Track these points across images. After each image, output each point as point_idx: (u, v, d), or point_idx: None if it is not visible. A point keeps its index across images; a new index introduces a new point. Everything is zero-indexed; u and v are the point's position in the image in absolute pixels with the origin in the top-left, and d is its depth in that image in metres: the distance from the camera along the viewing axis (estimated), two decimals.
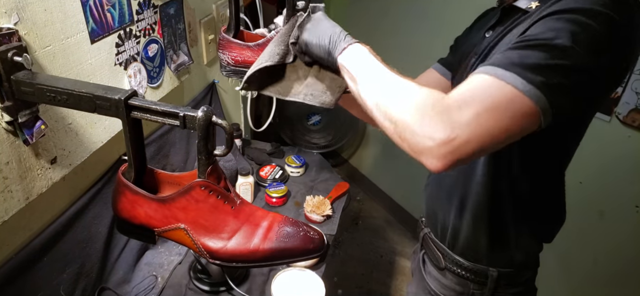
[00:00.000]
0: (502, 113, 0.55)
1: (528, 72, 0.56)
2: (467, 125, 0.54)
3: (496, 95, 0.56)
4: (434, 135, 0.55)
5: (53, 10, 0.72)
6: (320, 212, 1.32)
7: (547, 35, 0.58)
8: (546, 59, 0.57)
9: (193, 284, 1.11)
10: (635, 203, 1.60)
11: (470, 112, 0.55)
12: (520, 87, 0.55)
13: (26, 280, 0.82)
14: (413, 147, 0.59)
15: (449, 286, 0.93)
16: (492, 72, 0.57)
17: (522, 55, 0.58)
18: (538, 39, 0.59)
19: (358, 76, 0.66)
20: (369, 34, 2.50)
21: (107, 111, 0.57)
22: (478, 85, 0.57)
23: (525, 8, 0.70)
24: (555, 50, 0.57)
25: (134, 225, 0.65)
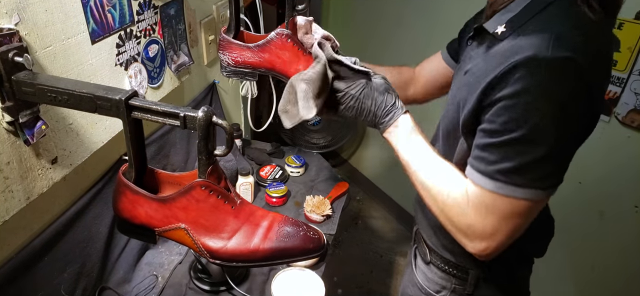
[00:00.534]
0: (513, 217, 0.64)
1: (515, 177, 0.62)
2: (492, 237, 0.66)
3: (501, 206, 0.64)
4: (471, 244, 0.69)
5: (54, 11, 0.73)
6: (320, 212, 1.32)
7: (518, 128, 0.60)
8: (525, 155, 0.61)
9: (193, 284, 1.11)
10: (635, 204, 1.60)
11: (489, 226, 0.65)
12: (516, 194, 0.63)
13: (27, 280, 0.83)
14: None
15: (433, 279, 0.94)
16: (487, 185, 0.64)
17: (502, 157, 0.62)
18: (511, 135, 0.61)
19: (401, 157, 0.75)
20: (370, 26, 2.50)
21: (108, 111, 0.57)
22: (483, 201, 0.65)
23: (492, 32, 0.68)
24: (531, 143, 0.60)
25: (134, 225, 0.65)
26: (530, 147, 0.60)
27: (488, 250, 0.68)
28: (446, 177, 0.71)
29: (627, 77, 1.51)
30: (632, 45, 1.47)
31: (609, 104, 1.58)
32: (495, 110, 0.62)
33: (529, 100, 0.59)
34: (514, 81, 0.59)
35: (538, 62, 0.58)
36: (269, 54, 0.92)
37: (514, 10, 0.66)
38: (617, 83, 1.54)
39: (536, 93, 0.59)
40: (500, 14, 0.68)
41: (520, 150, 0.61)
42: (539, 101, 0.59)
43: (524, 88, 0.59)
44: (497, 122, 0.62)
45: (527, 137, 0.60)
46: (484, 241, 0.67)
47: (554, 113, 0.59)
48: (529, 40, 0.60)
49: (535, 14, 0.63)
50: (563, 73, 0.58)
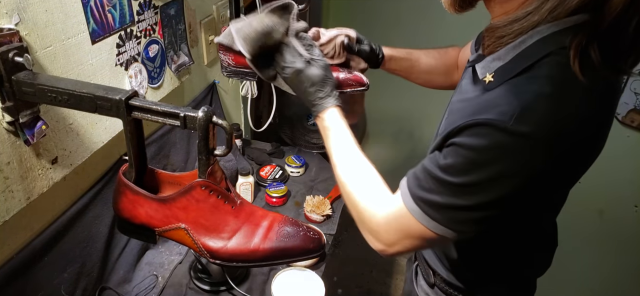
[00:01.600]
0: (421, 239, 0.66)
1: (434, 211, 0.63)
2: (391, 246, 0.69)
3: (409, 225, 0.66)
4: (372, 243, 0.72)
5: (54, 11, 0.73)
6: (320, 212, 1.32)
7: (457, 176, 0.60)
8: (451, 199, 0.61)
9: (193, 283, 1.11)
10: (635, 203, 1.60)
11: (393, 237, 0.69)
12: (428, 225, 0.64)
13: (27, 280, 0.83)
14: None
15: None
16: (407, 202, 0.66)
17: (433, 189, 0.63)
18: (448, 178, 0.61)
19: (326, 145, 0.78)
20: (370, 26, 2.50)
21: (108, 111, 0.57)
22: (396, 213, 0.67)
23: (481, 77, 0.65)
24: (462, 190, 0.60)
25: (134, 225, 0.65)
26: (460, 195, 0.61)
27: (384, 254, 0.72)
28: (363, 178, 0.74)
29: (627, 77, 1.51)
30: None
31: None
32: (449, 149, 0.62)
33: (476, 159, 0.58)
34: (471, 134, 0.59)
35: (495, 129, 0.56)
36: None
37: (504, 59, 0.62)
38: None
39: (485, 157, 0.58)
40: (492, 58, 0.64)
41: (451, 193, 0.61)
42: (485, 166, 0.58)
43: (474, 146, 0.58)
44: (445, 161, 0.62)
45: (462, 186, 0.60)
46: (384, 246, 0.70)
47: (494, 181, 0.58)
48: (503, 102, 0.58)
49: (521, 71, 0.59)
50: (518, 151, 0.56)
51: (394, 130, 2.57)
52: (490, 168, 0.58)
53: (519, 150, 0.56)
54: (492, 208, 0.61)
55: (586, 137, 0.59)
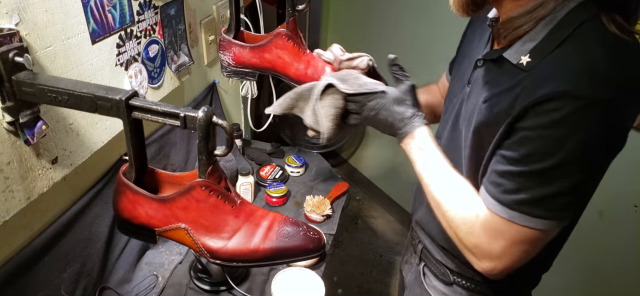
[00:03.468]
0: (525, 246, 0.64)
1: (533, 208, 0.61)
2: (502, 259, 0.66)
3: (514, 234, 0.63)
4: (476, 264, 0.69)
5: (54, 11, 0.73)
6: (320, 212, 1.32)
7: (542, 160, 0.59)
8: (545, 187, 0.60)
9: (193, 283, 1.11)
10: (634, 203, 1.60)
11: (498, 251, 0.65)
12: (531, 224, 0.62)
13: (27, 280, 0.83)
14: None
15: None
16: (503, 213, 0.63)
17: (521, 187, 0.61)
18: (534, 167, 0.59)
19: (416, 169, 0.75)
20: (370, 26, 2.50)
21: (108, 111, 0.57)
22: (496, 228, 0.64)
23: (516, 63, 0.65)
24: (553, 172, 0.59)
25: (134, 225, 0.65)
26: (552, 180, 0.59)
27: (495, 271, 0.68)
28: (457, 194, 0.71)
29: None
30: None
31: None
32: (519, 139, 0.61)
33: (558, 135, 0.57)
34: (544, 113, 0.58)
35: (573, 99, 0.55)
36: (269, 54, 0.92)
37: (536, 39, 0.63)
38: None
39: (566, 131, 0.57)
40: (521, 42, 0.65)
41: (542, 182, 0.59)
42: (569, 138, 0.57)
43: (554, 122, 0.57)
44: (520, 152, 0.60)
45: (550, 170, 0.59)
46: (492, 262, 0.67)
47: (582, 150, 0.57)
48: (561, 71, 0.58)
49: (562, 42, 0.60)
50: (597, 112, 0.56)
51: None
52: (576, 141, 0.57)
53: (600, 114, 0.56)
54: (588, 181, 0.61)
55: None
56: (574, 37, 0.59)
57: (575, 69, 0.57)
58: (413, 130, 0.73)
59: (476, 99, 0.74)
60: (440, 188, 0.72)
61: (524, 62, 0.63)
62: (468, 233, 0.68)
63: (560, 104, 0.56)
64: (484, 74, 0.74)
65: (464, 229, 0.68)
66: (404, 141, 0.75)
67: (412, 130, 0.73)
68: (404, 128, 0.74)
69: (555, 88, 0.57)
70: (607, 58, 0.56)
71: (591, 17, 0.59)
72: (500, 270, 0.67)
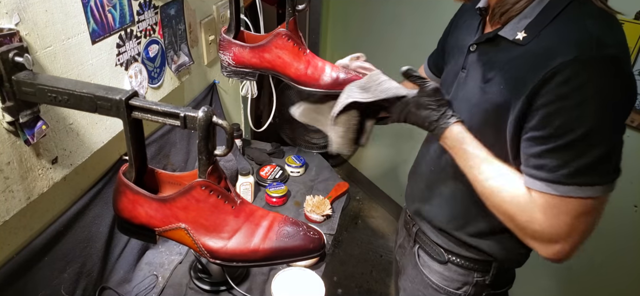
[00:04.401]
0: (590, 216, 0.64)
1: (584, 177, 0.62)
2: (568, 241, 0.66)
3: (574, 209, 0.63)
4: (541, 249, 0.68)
5: (54, 11, 0.73)
6: (320, 212, 1.32)
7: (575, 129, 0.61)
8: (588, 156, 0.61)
9: (193, 283, 1.11)
10: (634, 203, 1.60)
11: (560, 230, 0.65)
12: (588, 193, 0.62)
13: (27, 280, 0.83)
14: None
15: (453, 278, 0.94)
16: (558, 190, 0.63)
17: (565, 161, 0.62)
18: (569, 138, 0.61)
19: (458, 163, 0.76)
20: (370, 26, 2.50)
21: (108, 111, 0.57)
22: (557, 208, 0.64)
23: (513, 39, 0.69)
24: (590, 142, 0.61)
25: (134, 225, 0.65)
26: (590, 146, 0.61)
27: (563, 253, 0.67)
28: (506, 185, 0.70)
29: None
30: (632, 45, 1.47)
31: None
32: (544, 115, 0.63)
33: (581, 100, 0.60)
34: (561, 84, 0.60)
35: (584, 63, 0.59)
36: (269, 54, 0.92)
37: (530, 15, 0.67)
38: None
39: (587, 94, 0.60)
40: (517, 20, 0.69)
41: (581, 150, 0.61)
42: (592, 101, 0.60)
43: (573, 89, 0.60)
44: (550, 127, 0.62)
45: (585, 137, 0.61)
46: (558, 243, 0.67)
47: (607, 110, 0.61)
48: (564, 42, 0.62)
49: (555, 17, 0.65)
50: (611, 71, 0.60)
51: (394, 130, 2.57)
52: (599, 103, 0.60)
53: (613, 72, 0.60)
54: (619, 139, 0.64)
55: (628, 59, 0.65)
56: (566, 12, 0.64)
57: (575, 38, 0.61)
58: (444, 131, 0.75)
59: (474, 81, 0.77)
60: (487, 184, 0.72)
61: (521, 37, 0.67)
62: (527, 221, 0.68)
63: (572, 71, 0.60)
64: (479, 57, 0.77)
65: (523, 218, 0.68)
66: (441, 141, 0.77)
67: (443, 132, 0.75)
68: (435, 130, 0.76)
69: (563, 59, 0.60)
70: (600, 26, 0.62)
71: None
72: (568, 251, 0.67)
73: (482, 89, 0.75)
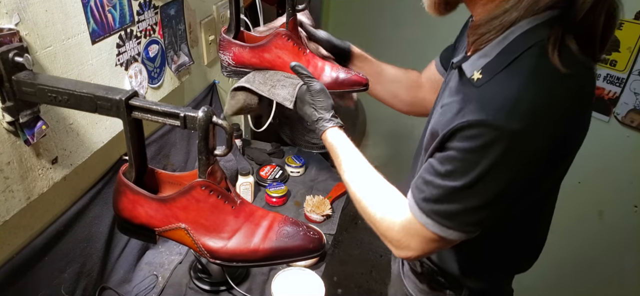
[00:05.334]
0: (438, 244, 0.69)
1: (445, 219, 0.65)
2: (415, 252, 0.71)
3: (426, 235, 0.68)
4: (395, 252, 0.74)
5: (54, 11, 0.73)
6: (320, 212, 1.32)
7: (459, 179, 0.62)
8: (459, 204, 0.64)
9: (193, 283, 1.11)
10: (634, 203, 1.60)
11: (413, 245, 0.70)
12: (442, 233, 0.66)
13: (27, 280, 0.83)
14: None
15: (425, 290, 0.93)
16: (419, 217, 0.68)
17: (439, 198, 0.65)
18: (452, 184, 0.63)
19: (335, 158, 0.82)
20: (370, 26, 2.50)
21: (108, 111, 0.57)
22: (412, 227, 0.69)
23: (469, 77, 0.66)
24: (467, 192, 0.63)
25: (134, 225, 0.65)
26: (465, 198, 0.63)
27: (410, 258, 0.74)
28: (379, 192, 0.76)
29: (627, 77, 1.51)
30: (632, 45, 1.48)
31: (609, 104, 1.58)
32: (446, 155, 0.64)
33: (475, 159, 0.60)
34: (466, 138, 0.61)
35: (491, 128, 0.58)
36: (269, 54, 0.92)
37: (489, 55, 0.64)
38: (616, 84, 1.54)
39: (482, 156, 0.60)
40: (478, 56, 0.66)
41: (457, 199, 0.64)
42: (484, 163, 0.60)
43: (473, 147, 0.60)
44: (445, 167, 0.64)
45: (465, 189, 0.62)
46: (409, 252, 0.72)
47: (495, 176, 0.61)
48: (489, 98, 0.60)
49: (507, 65, 0.61)
50: (514, 145, 0.59)
51: (394, 130, 2.57)
52: (489, 165, 0.60)
53: (514, 144, 0.59)
54: (497, 204, 0.64)
55: (571, 122, 0.63)
56: (517, 63, 0.61)
57: (501, 100, 0.59)
58: (324, 132, 0.81)
59: (439, 102, 0.77)
60: (360, 185, 0.77)
61: (475, 78, 0.65)
62: (389, 228, 0.73)
63: (479, 132, 0.59)
64: (451, 79, 0.75)
65: (384, 225, 0.73)
66: (323, 141, 0.82)
67: (321, 133, 0.81)
68: (317, 130, 0.81)
69: (478, 117, 0.59)
70: (533, 91, 0.58)
71: (538, 43, 0.60)
72: (415, 258, 0.74)
73: (436, 112, 0.74)
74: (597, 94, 1.60)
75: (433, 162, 0.67)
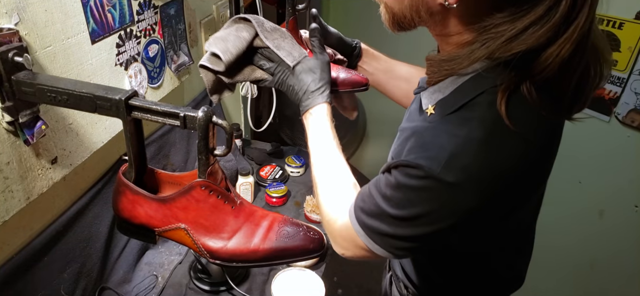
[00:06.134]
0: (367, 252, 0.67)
1: (375, 236, 0.65)
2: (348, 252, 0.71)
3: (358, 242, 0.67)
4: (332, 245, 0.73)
5: (54, 11, 0.73)
6: None
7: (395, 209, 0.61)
8: (390, 228, 0.62)
9: (193, 284, 1.11)
10: (635, 203, 1.60)
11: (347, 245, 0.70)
12: (371, 247, 0.66)
13: (27, 280, 0.83)
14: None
15: None
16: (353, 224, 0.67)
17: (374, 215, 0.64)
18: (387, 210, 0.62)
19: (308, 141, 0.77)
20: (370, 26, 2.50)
21: (108, 111, 0.57)
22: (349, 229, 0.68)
23: (424, 108, 0.65)
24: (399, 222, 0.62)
25: (134, 225, 0.65)
26: (397, 226, 0.62)
27: (345, 256, 0.73)
28: (333, 185, 0.74)
29: (627, 77, 1.51)
30: (632, 45, 1.47)
31: (609, 104, 1.58)
32: (390, 181, 0.63)
33: (409, 197, 0.59)
34: (405, 174, 0.60)
35: (426, 174, 0.57)
36: None
37: (444, 92, 0.62)
38: (617, 83, 1.54)
39: (415, 197, 0.59)
40: (434, 89, 0.64)
41: (389, 224, 0.62)
42: (417, 203, 0.59)
43: (407, 184, 0.59)
44: (386, 190, 0.63)
45: (398, 219, 0.61)
46: (343, 251, 0.72)
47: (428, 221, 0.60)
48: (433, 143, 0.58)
49: (459, 108, 0.59)
50: (448, 197, 0.57)
51: (394, 130, 2.57)
52: (421, 208, 0.59)
53: (446, 196, 0.57)
54: (426, 241, 0.63)
55: (517, 176, 0.58)
56: (466, 108, 0.58)
57: (439, 148, 0.57)
58: (314, 105, 0.74)
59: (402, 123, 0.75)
60: (321, 172, 0.75)
61: (429, 113, 0.64)
62: (331, 221, 0.72)
63: (417, 174, 0.58)
64: (415, 101, 0.74)
65: (329, 217, 0.72)
66: (305, 114, 0.76)
67: (312, 105, 0.75)
68: (306, 101, 0.75)
69: (417, 159, 0.58)
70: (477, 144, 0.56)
71: (490, 90, 0.57)
72: (349, 258, 0.73)
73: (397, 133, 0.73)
74: (598, 94, 1.60)
75: (381, 180, 0.65)
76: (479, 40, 0.56)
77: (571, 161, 1.55)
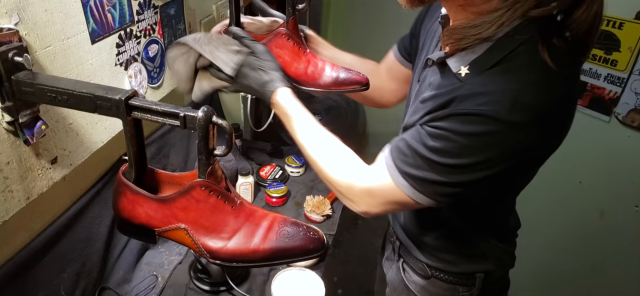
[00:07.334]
0: (401, 206, 0.70)
1: (421, 185, 0.66)
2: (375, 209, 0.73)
3: (394, 195, 0.69)
4: (353, 208, 0.75)
5: (54, 11, 0.73)
6: (320, 212, 1.32)
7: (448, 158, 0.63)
8: (440, 176, 0.65)
9: (193, 284, 1.11)
10: (635, 203, 1.60)
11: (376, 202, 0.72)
12: (413, 196, 0.68)
13: (27, 280, 0.83)
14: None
15: (437, 292, 0.93)
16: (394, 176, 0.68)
17: (421, 166, 0.66)
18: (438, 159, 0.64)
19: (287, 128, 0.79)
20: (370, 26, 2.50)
21: (108, 111, 0.57)
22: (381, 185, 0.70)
23: (455, 72, 0.67)
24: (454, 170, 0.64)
25: (134, 225, 0.65)
26: (448, 174, 0.64)
27: (367, 214, 0.74)
28: (333, 154, 0.75)
29: (628, 77, 1.51)
30: (632, 45, 1.47)
31: (610, 104, 1.58)
32: (438, 133, 0.64)
33: (470, 144, 0.61)
34: (463, 122, 0.61)
35: (489, 119, 0.59)
36: None
37: (477, 52, 0.65)
38: (617, 83, 1.54)
39: (479, 144, 0.61)
40: (465, 53, 0.66)
41: (440, 172, 0.64)
42: (479, 151, 0.61)
43: (467, 132, 0.61)
44: (433, 142, 0.64)
45: (451, 167, 0.63)
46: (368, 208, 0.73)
47: (489, 164, 0.62)
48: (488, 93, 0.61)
49: (497, 62, 0.62)
50: (510, 137, 0.60)
51: (394, 130, 2.57)
52: (482, 154, 0.61)
53: (510, 136, 0.60)
54: (477, 186, 0.66)
55: (564, 115, 0.65)
56: (508, 60, 0.62)
57: (499, 93, 0.60)
58: (272, 95, 0.76)
59: (418, 98, 0.76)
60: (314, 148, 0.76)
61: (463, 73, 0.66)
62: (348, 187, 0.73)
63: (479, 121, 0.60)
64: (430, 74, 0.76)
65: (343, 185, 0.74)
66: (273, 106, 0.78)
67: (271, 95, 0.76)
68: (266, 93, 0.77)
69: (478, 107, 0.60)
70: (530, 85, 0.60)
71: (528, 40, 0.61)
72: (371, 215, 0.74)
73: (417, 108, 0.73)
74: (598, 94, 1.60)
75: (422, 133, 0.66)
76: (504, 6, 0.61)
77: (571, 161, 1.55)
